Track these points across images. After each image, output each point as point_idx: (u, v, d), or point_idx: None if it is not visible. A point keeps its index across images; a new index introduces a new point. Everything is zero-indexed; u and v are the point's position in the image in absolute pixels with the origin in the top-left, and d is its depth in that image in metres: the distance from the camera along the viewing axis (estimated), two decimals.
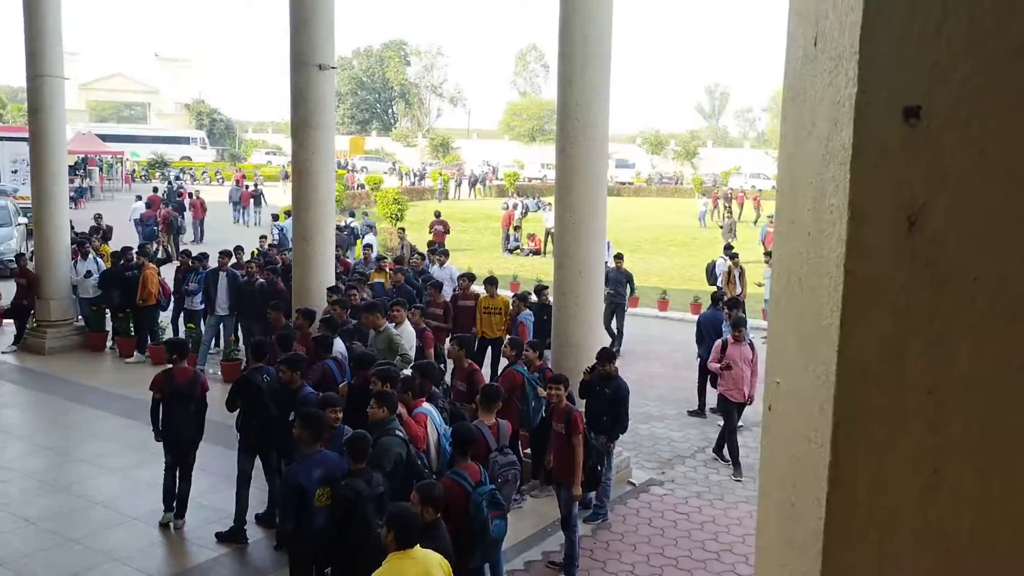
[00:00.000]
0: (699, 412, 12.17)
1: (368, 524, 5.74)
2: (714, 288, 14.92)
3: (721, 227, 26.45)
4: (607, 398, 8.44)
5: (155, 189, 33.27)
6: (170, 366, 8.51)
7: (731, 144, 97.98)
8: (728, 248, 16.93)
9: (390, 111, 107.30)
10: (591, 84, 9.11)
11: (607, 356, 8.68)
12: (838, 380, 1.18)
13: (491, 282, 12.95)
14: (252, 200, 35.31)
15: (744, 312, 13.07)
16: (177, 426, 8.29)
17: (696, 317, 17.27)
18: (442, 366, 10.86)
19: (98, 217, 22.57)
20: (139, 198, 30.06)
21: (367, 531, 5.72)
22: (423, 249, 19.61)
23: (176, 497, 8.39)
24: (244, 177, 45.09)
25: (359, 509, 5.75)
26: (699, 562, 7.82)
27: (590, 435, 7.94)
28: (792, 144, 1.64)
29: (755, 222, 37.31)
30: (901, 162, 1.13)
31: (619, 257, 16.22)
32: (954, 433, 1.14)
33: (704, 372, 12.13)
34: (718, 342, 10.39)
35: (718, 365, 10.02)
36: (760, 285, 16.08)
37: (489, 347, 12.67)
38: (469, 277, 13.21)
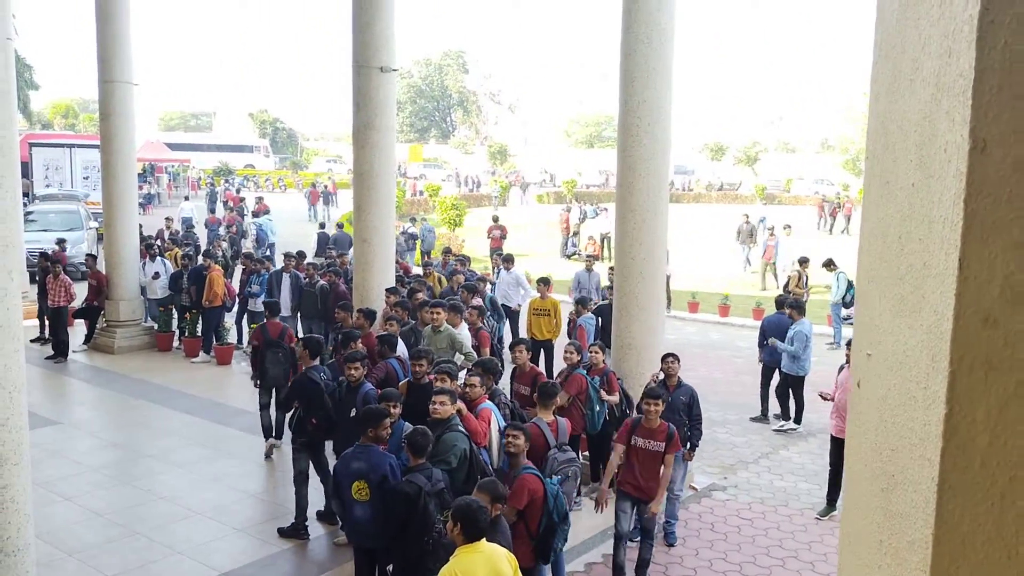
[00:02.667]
0: (762, 418, 11.90)
1: (430, 519, 5.73)
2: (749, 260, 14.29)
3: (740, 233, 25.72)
4: (681, 405, 8.07)
5: (211, 211, 33.90)
6: (264, 322, 11.04)
7: (793, 150, 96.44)
8: (804, 259, 16.58)
9: (448, 119, 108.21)
10: (654, 81, 9.00)
11: (670, 354, 8.36)
12: (955, 328, 1.09)
13: (543, 282, 12.86)
14: (320, 199, 39.85)
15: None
16: (269, 369, 10.32)
17: (758, 322, 17.02)
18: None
19: (168, 220, 23.29)
20: (186, 198, 33.94)
21: (429, 526, 5.70)
22: (480, 255, 19.59)
23: (272, 426, 10.34)
24: (314, 185, 46.51)
25: (421, 504, 5.73)
26: (764, 568, 7.62)
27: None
28: (887, 101, 1.56)
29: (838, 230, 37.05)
30: None
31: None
32: None
33: (767, 378, 11.87)
34: (843, 373, 9.11)
35: (830, 394, 9.12)
36: (827, 288, 15.70)
37: (541, 349, 12.59)
38: (544, 282, 13.02)
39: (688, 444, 8.05)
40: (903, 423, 1.31)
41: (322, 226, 26.82)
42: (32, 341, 15.41)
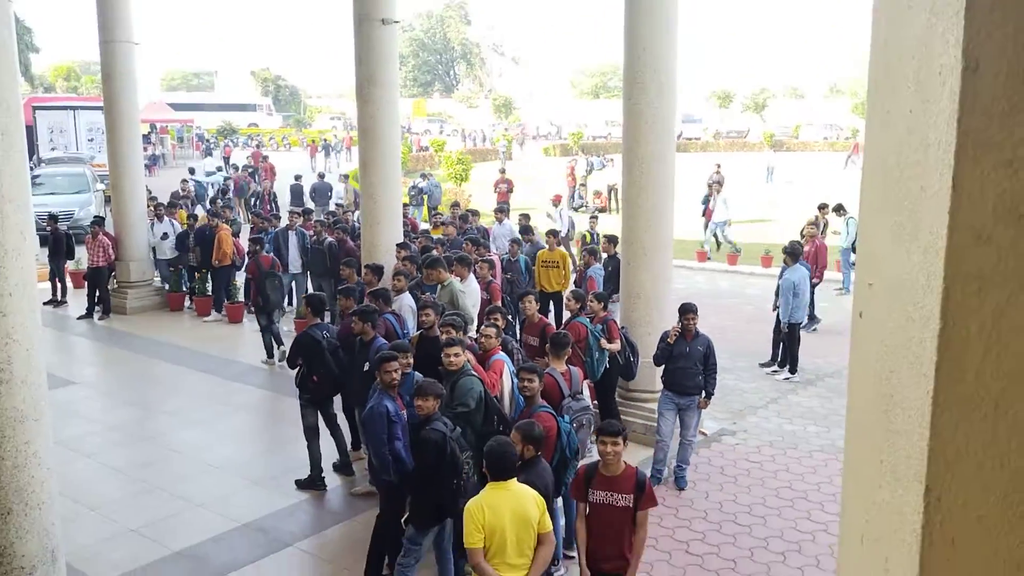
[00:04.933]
0: (771, 364, 11.95)
1: (458, 461, 5.94)
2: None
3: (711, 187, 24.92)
4: (699, 356, 8.05)
5: (217, 169, 33.96)
6: (254, 254, 12.48)
7: (802, 97, 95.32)
8: (823, 205, 16.45)
9: (452, 72, 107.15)
10: (658, 29, 8.91)
11: (689, 308, 8.20)
12: (949, 246, 1.12)
13: (552, 235, 12.88)
14: (320, 151, 45.66)
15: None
16: (270, 296, 12.11)
17: (768, 270, 17.02)
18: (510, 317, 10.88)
19: (184, 182, 23.32)
20: (209, 153, 32.47)
21: (458, 468, 5.92)
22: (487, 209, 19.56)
23: (273, 343, 12.27)
24: (313, 141, 48.34)
25: (448, 449, 5.87)
26: (773, 509, 7.75)
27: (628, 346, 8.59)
28: (887, 29, 1.58)
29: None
30: (1019, 4, 1.06)
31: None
32: None
33: (779, 329, 11.77)
34: None
35: None
36: (836, 233, 15.67)
37: (551, 301, 12.65)
38: (553, 234, 13.00)
39: (704, 392, 8.12)
40: (901, 344, 1.34)
41: (297, 178, 26.93)
42: (45, 304, 15.56)
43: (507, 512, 4.74)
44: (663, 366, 8.32)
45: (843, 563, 1.92)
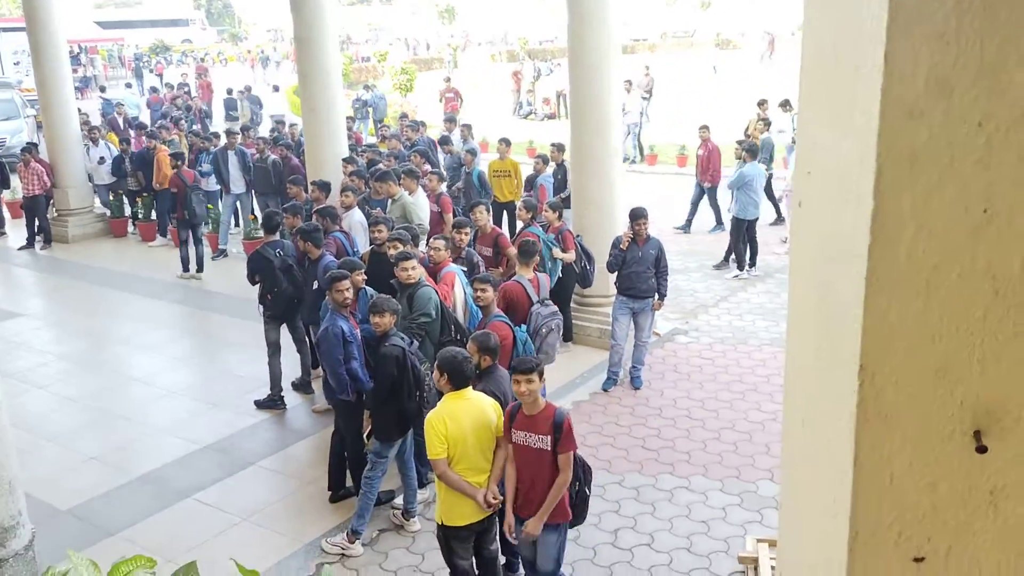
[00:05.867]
0: (724, 264, 12.04)
1: (420, 375, 6.00)
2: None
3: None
4: (650, 259, 8.04)
5: (153, 90, 31.84)
6: (177, 169, 12.72)
7: None
8: (761, 101, 16.35)
9: None
10: None
11: (640, 214, 8.12)
12: (881, 123, 1.11)
13: (504, 143, 12.72)
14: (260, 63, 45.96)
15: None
16: (196, 209, 12.44)
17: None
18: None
19: (119, 105, 22.40)
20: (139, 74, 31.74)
21: (420, 381, 6.00)
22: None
23: (191, 260, 12.58)
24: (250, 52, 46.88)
25: (409, 363, 5.90)
26: (724, 402, 7.98)
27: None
28: None
29: None
30: None
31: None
32: (1007, 167, 1.08)
33: (742, 231, 11.59)
34: None
35: None
36: (781, 132, 15.71)
37: (503, 211, 12.58)
38: (505, 142, 12.82)
39: (657, 295, 8.20)
40: (836, 230, 1.35)
41: (228, 92, 26.32)
42: None
43: (467, 420, 4.81)
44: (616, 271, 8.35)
45: (787, 447, 1.98)
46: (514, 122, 27.76)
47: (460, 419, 4.79)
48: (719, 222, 13.76)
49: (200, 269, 12.66)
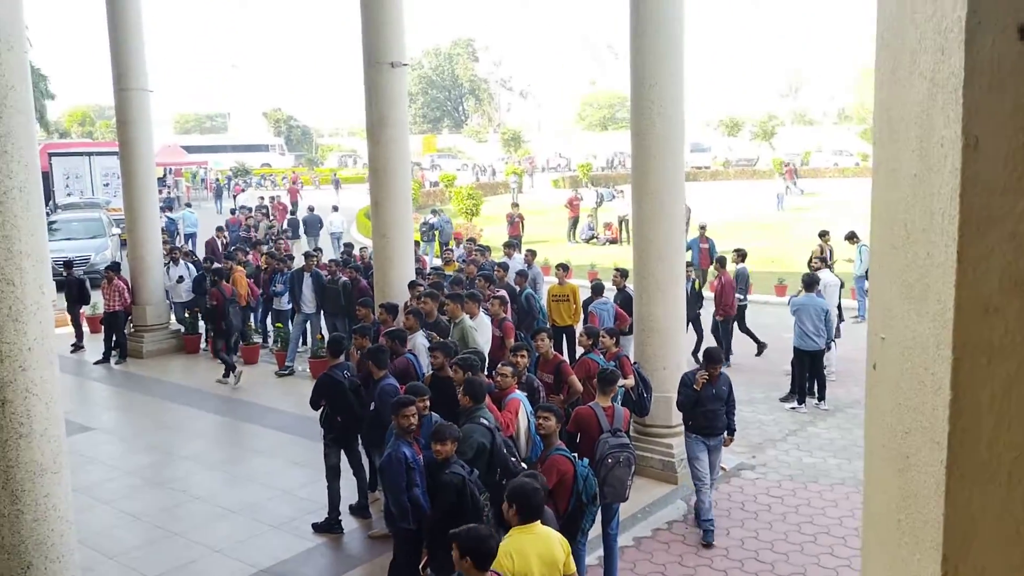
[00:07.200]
0: (791, 399, 11.77)
1: (479, 503, 5.91)
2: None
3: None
4: (723, 395, 7.93)
5: (232, 211, 33.01)
6: (215, 285, 13.65)
7: (811, 123, 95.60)
8: (823, 233, 16.38)
9: (460, 108, 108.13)
10: (665, 61, 8.98)
11: (716, 358, 7.96)
12: (956, 316, 1.14)
13: (561, 268, 12.92)
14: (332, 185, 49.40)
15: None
16: (233, 320, 13.74)
17: (783, 299, 16.93)
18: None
19: (219, 230, 22.48)
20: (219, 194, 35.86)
21: (479, 510, 5.89)
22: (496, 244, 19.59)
23: (233, 364, 13.62)
24: (294, 182, 47.08)
25: (468, 491, 5.85)
26: (795, 545, 7.66)
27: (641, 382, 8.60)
28: (889, 89, 1.60)
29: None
30: (1017, 83, 1.09)
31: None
32: None
33: (803, 362, 11.46)
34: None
35: None
36: (849, 261, 15.62)
37: (563, 336, 12.63)
38: (563, 267, 13.11)
39: (727, 430, 8.04)
40: (915, 406, 1.35)
41: (292, 212, 27.61)
42: (72, 351, 15.70)
43: (533, 556, 4.65)
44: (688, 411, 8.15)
45: None
46: (579, 247, 28.16)
47: (526, 555, 4.63)
48: (758, 342, 13.89)
49: (227, 376, 13.60)
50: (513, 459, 6.78)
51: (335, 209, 29.57)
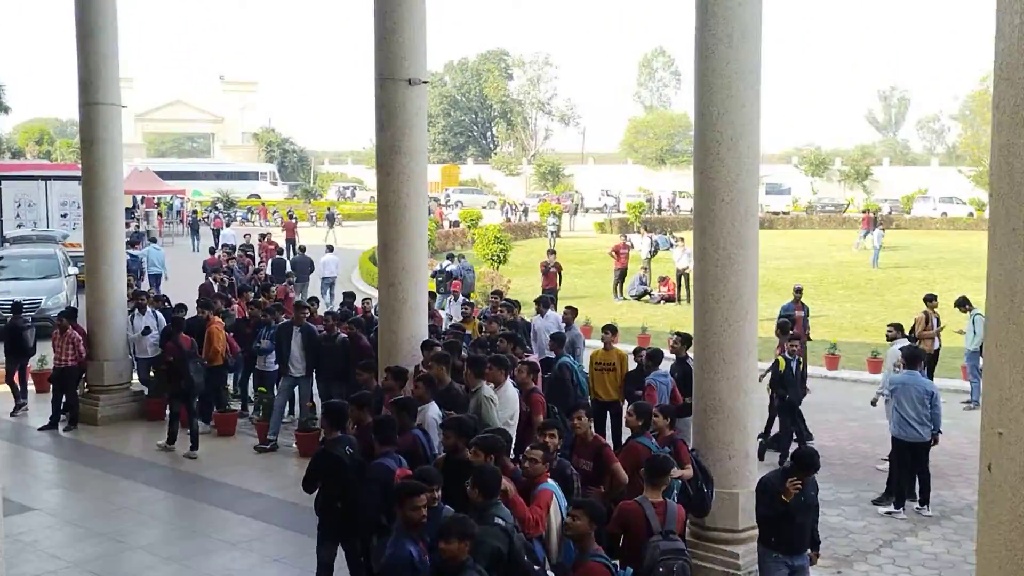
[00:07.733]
0: (887, 501, 11.53)
1: None
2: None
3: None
4: (815, 503, 7.80)
5: (211, 251, 32.97)
6: (170, 335, 14.11)
7: (913, 161, 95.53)
8: (930, 297, 16.14)
9: (489, 134, 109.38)
10: (737, 87, 9.02)
11: (813, 464, 7.72)
12: None
13: (609, 331, 12.79)
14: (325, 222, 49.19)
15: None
16: (194, 379, 13.57)
17: (876, 376, 16.72)
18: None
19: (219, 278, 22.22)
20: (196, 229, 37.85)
21: None
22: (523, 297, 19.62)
23: (177, 434, 13.81)
24: (291, 216, 47.67)
25: None
26: None
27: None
28: (1011, 132, 1.60)
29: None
30: None
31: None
32: None
33: (903, 456, 11.31)
34: None
35: None
36: (961, 332, 15.46)
37: (607, 412, 12.52)
38: (610, 330, 13.07)
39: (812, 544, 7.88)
40: None
41: (280, 252, 27.93)
42: (13, 414, 15.79)
43: None
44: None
45: None
46: (627, 305, 28.14)
47: None
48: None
49: (195, 447, 13.60)
50: (537, 567, 6.66)
51: (330, 249, 29.94)
